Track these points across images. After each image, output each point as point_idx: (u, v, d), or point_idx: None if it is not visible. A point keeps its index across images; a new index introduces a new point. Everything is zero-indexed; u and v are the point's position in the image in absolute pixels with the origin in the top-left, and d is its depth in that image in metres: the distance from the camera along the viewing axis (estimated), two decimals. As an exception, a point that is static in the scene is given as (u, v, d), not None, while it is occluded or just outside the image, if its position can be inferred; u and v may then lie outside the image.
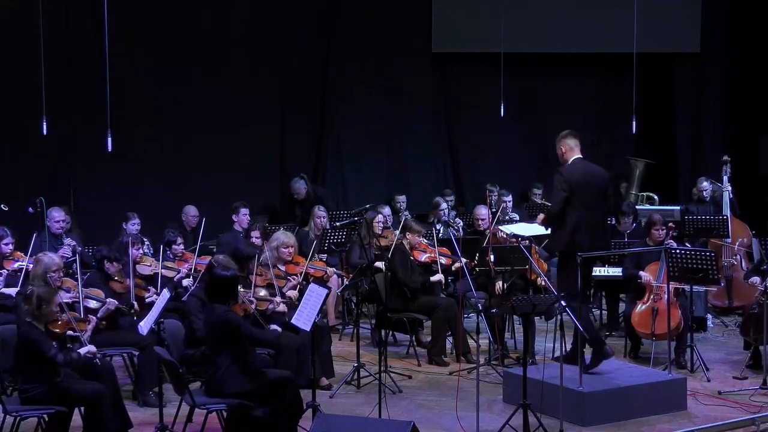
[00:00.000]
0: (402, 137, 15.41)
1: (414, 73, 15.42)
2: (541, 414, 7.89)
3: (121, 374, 8.90)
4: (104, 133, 10.30)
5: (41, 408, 7.28)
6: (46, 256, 8.67)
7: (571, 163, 8.80)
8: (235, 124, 14.18)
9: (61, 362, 7.26)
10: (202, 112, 13.92)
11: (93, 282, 8.92)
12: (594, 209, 8.80)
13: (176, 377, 7.53)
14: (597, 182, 8.88)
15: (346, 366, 9.61)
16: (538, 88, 15.35)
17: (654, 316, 9.77)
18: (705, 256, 9.68)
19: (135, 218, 11.26)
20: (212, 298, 7.73)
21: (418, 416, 7.94)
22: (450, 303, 10.37)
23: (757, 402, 8.72)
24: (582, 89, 15.65)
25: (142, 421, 8.08)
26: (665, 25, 14.65)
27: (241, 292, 8.38)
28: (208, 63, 13.96)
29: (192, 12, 13.86)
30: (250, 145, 14.44)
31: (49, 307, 7.44)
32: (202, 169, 13.79)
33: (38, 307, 7.37)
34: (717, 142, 15.21)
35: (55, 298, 7.56)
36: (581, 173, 8.75)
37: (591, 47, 15.07)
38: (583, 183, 8.71)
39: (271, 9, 14.54)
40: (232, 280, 7.77)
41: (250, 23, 14.39)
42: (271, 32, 14.56)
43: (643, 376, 9.01)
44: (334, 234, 11.49)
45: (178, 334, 8.57)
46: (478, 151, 15.47)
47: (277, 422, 7.46)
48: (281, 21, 14.63)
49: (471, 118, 15.44)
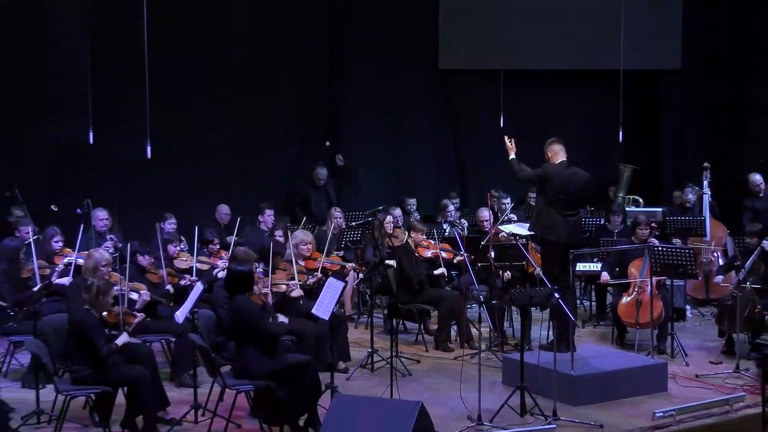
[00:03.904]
0: (412, 145, 15.39)
1: (423, 88, 15.41)
2: (536, 395, 7.97)
3: (160, 358, 8.97)
4: (144, 143, 10.37)
5: (89, 388, 7.36)
6: (96, 252, 8.74)
7: (558, 164, 9.15)
8: (260, 134, 14.18)
9: (105, 354, 7.33)
10: (229, 124, 13.93)
11: (132, 276, 9.00)
12: (572, 205, 9.27)
13: (209, 361, 7.61)
14: (577, 182, 9.29)
15: (361, 351, 9.64)
16: (535, 101, 15.32)
17: (638, 307, 9.81)
18: (684, 253, 9.73)
19: (171, 218, 11.34)
20: (231, 290, 7.79)
21: (426, 397, 7.96)
22: (454, 295, 10.44)
23: (730, 384, 8.79)
24: (574, 102, 15.61)
25: (178, 400, 8.14)
26: (649, 44, 14.62)
27: (260, 281, 8.42)
28: (233, 79, 13.95)
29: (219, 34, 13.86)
30: (274, 153, 14.46)
31: (106, 298, 7.54)
32: (229, 173, 13.81)
33: (96, 296, 7.47)
34: (697, 150, 15.15)
35: (111, 290, 7.65)
36: (564, 173, 9.18)
37: (582, 65, 15.07)
38: (565, 181, 9.19)
39: (289, 25, 14.50)
40: (248, 274, 7.80)
41: (270, 41, 14.36)
42: (291, 48, 14.53)
43: (628, 360, 9.08)
44: (350, 233, 11.57)
45: (210, 323, 8.63)
46: (480, 158, 15.44)
47: (299, 402, 7.51)
48: (300, 37, 14.61)
49: (474, 128, 15.43)
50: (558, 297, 8.08)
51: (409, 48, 15.08)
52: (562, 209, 9.09)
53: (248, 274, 7.82)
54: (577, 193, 9.29)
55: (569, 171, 9.20)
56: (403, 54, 15.02)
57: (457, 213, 13.28)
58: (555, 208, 9.09)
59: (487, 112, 14.72)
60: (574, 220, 9.24)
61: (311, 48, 14.73)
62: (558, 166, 9.16)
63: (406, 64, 15.11)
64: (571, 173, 9.21)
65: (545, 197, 9.19)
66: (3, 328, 8.99)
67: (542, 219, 9.18)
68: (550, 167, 9.16)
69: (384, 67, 14.95)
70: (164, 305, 9.22)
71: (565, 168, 9.17)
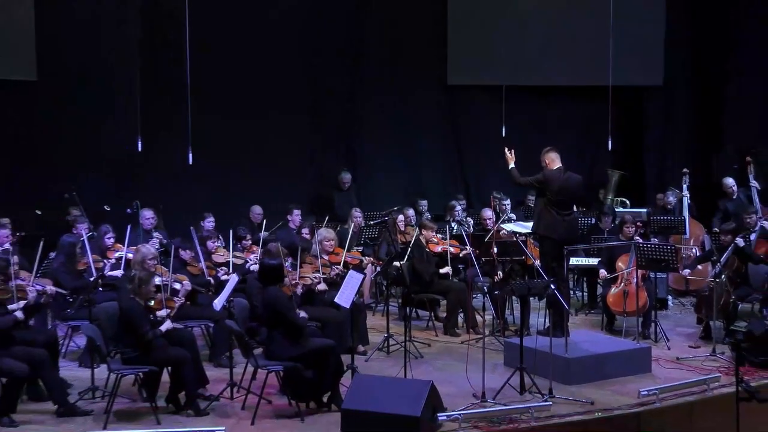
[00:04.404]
0: (422, 153, 15.35)
1: (433, 102, 15.35)
2: (534, 375, 7.97)
3: (200, 341, 8.98)
4: (186, 150, 10.38)
5: (137, 367, 7.39)
6: (144, 246, 8.75)
7: (555, 170, 9.07)
8: (286, 142, 14.18)
9: (149, 338, 7.35)
10: (261, 134, 13.96)
11: (175, 268, 9.01)
12: (568, 206, 9.19)
13: (243, 344, 7.63)
14: (572, 185, 9.19)
15: (378, 336, 9.64)
16: (532, 113, 15.27)
17: (625, 297, 9.77)
18: (666, 249, 9.69)
19: (210, 217, 11.33)
20: (264, 281, 7.79)
21: (436, 376, 7.93)
22: (461, 286, 10.41)
23: (707, 366, 8.76)
24: (568, 114, 15.55)
25: (216, 378, 8.14)
26: (635, 63, 14.57)
27: (289, 274, 8.41)
28: (265, 95, 13.96)
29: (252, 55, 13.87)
30: (298, 159, 14.46)
31: (147, 287, 7.55)
32: (261, 178, 13.82)
33: (139, 286, 7.49)
34: (677, 157, 15.07)
35: (152, 280, 7.67)
36: (560, 178, 9.07)
37: (575, 81, 15.00)
38: (563, 185, 9.04)
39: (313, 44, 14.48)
40: (278, 267, 7.82)
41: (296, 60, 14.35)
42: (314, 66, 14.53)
43: (616, 345, 9.04)
44: (369, 230, 11.56)
45: (244, 311, 8.63)
46: (484, 164, 15.38)
47: (323, 380, 7.52)
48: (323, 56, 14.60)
49: (478, 138, 15.36)
50: (554, 288, 8.06)
51: (419, 66, 15.07)
52: (560, 209, 9.03)
53: (279, 267, 7.84)
54: (572, 194, 9.25)
55: (566, 175, 9.15)
56: (414, 72, 15.01)
57: (464, 213, 13.23)
58: (554, 209, 9.01)
59: (490, 124, 14.66)
60: (570, 219, 9.20)
61: (333, 66, 14.71)
62: (556, 172, 9.09)
63: (418, 81, 15.10)
64: (567, 177, 9.16)
65: (545, 199, 9.08)
66: (62, 314, 9.04)
67: (543, 219, 9.11)
68: (549, 172, 9.08)
69: (398, 84, 14.94)
70: (204, 294, 9.22)
71: (562, 173, 9.12)
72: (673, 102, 15.67)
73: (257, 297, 8.39)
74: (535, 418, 7.29)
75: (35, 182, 12.76)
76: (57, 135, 12.86)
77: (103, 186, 12.75)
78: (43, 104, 12.82)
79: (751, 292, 10.12)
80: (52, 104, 12.84)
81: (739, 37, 14.90)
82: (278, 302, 7.55)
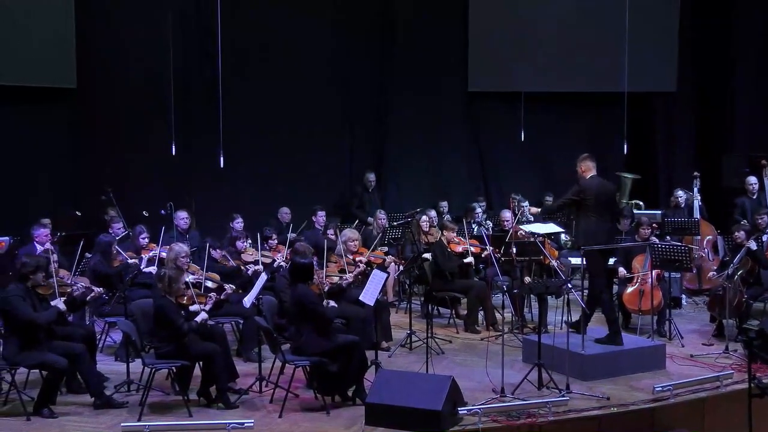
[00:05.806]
0: (444, 157, 15.28)
1: (454, 108, 15.29)
2: (552, 371, 7.89)
3: (231, 337, 8.98)
4: (218, 154, 10.38)
5: (171, 361, 7.37)
6: (177, 245, 8.77)
7: (590, 179, 8.63)
8: (315, 146, 14.18)
9: (185, 331, 7.34)
10: (288, 134, 13.96)
11: (208, 266, 9.00)
12: (606, 214, 8.68)
13: (271, 340, 7.59)
14: (608, 193, 8.80)
15: (401, 332, 9.58)
16: (550, 118, 15.17)
17: (640, 296, 9.69)
18: (681, 249, 9.58)
19: (239, 218, 11.30)
20: (293, 279, 7.75)
21: (457, 372, 7.91)
22: (481, 284, 10.35)
23: (720, 363, 8.63)
24: (584, 119, 15.44)
25: (245, 372, 8.11)
26: (649, 71, 14.51)
27: (317, 273, 8.37)
28: (294, 101, 13.95)
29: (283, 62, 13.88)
30: (326, 162, 14.44)
31: (177, 285, 7.54)
32: (289, 181, 13.81)
33: (169, 284, 7.48)
34: (689, 160, 14.97)
35: (181, 278, 7.65)
36: (597, 187, 8.60)
37: (592, 88, 14.90)
38: (599, 193, 8.56)
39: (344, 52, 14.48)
40: (308, 266, 7.77)
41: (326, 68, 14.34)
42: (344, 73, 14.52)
43: (631, 342, 8.91)
44: (392, 231, 11.49)
45: (273, 308, 8.60)
46: (503, 167, 15.32)
47: (348, 375, 7.47)
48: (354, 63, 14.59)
49: (497, 142, 15.29)
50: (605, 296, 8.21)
51: (443, 74, 15.02)
52: (600, 217, 8.59)
53: (309, 266, 7.81)
54: (610, 201, 8.90)
55: (602, 183, 8.81)
56: (437, 79, 14.95)
57: (484, 214, 13.17)
58: (594, 217, 8.55)
59: (509, 129, 14.59)
60: (609, 226, 8.77)
61: (362, 75, 14.68)
62: (591, 180, 8.72)
63: (441, 89, 15.04)
64: (603, 184, 8.80)
65: (584, 209, 8.56)
66: (100, 310, 9.06)
67: (584, 230, 8.72)
68: (586, 182, 8.59)
69: (422, 91, 14.89)
70: (235, 292, 9.20)
71: (598, 180, 8.77)
72: (684, 107, 15.53)
73: (285, 294, 8.36)
74: (552, 412, 7.21)
75: (75, 184, 12.85)
76: (95, 139, 12.92)
77: (139, 188, 12.80)
78: (82, 110, 12.90)
79: (764, 291, 9.98)
80: (90, 110, 12.91)
81: (749, 43, 14.79)
82: (307, 297, 7.51)
